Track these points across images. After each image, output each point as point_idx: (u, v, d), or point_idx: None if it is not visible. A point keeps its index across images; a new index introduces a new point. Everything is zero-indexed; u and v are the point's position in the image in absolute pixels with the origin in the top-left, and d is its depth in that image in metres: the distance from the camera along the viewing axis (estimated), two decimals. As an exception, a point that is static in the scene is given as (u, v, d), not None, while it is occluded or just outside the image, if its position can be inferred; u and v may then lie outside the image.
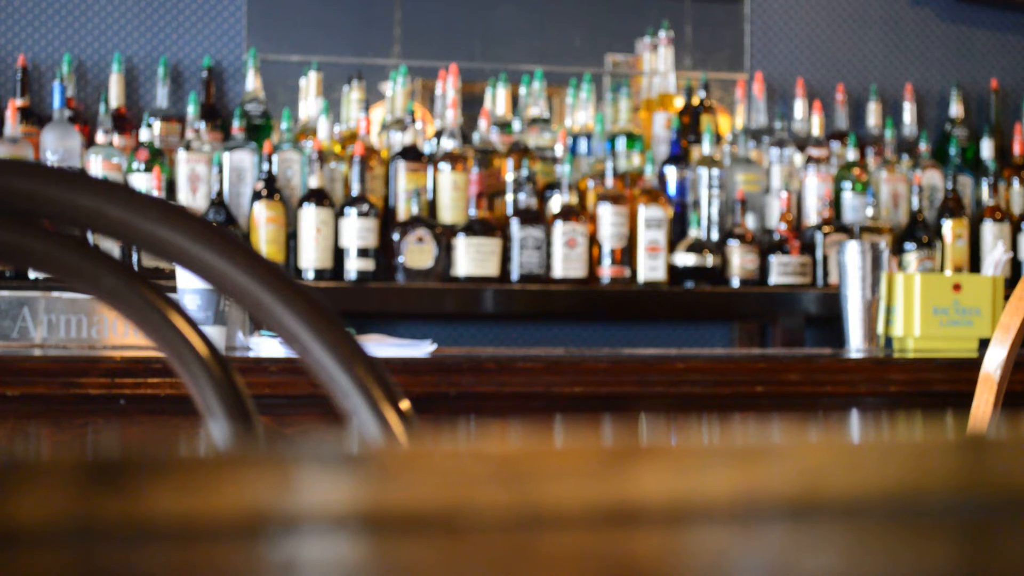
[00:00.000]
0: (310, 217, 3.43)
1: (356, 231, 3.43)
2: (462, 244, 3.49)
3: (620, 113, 3.73)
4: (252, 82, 3.62)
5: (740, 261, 3.64)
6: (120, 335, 2.52)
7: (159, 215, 0.76)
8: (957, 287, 2.60)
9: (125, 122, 3.57)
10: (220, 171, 3.45)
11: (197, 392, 0.82)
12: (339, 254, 3.46)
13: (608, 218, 3.57)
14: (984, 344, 1.75)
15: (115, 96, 3.57)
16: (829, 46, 4.03)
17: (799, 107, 3.89)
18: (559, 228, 3.54)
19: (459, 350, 2.66)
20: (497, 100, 3.66)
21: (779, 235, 3.66)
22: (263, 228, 3.42)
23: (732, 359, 2.25)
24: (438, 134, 3.59)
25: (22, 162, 1.19)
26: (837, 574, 0.38)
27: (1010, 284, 3.54)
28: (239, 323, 2.42)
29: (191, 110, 3.54)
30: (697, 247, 3.64)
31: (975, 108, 4.14)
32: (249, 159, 3.50)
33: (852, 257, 2.64)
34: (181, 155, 3.48)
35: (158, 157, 3.46)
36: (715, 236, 3.69)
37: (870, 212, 3.67)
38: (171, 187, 3.47)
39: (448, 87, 3.58)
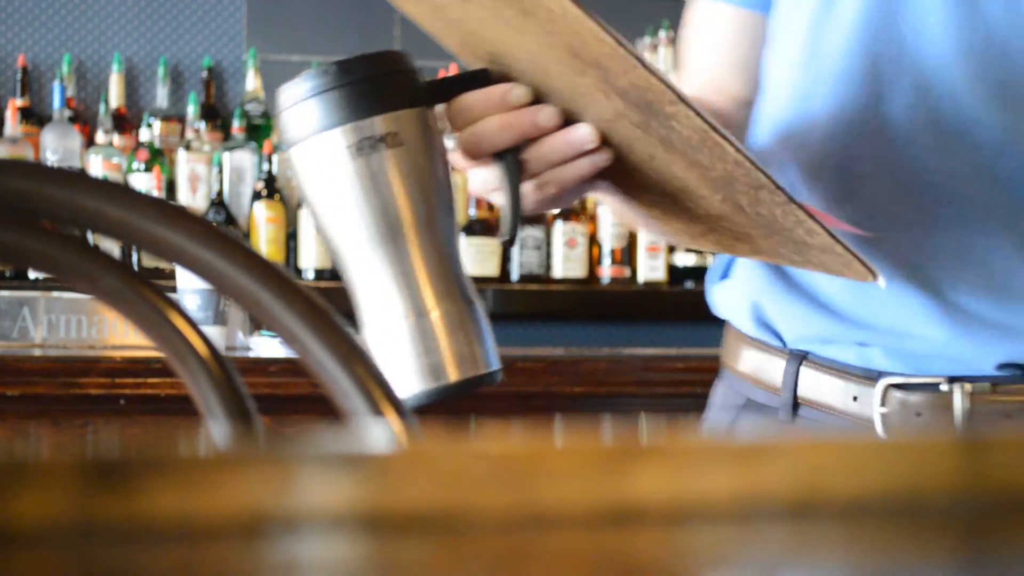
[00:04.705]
0: (310, 217, 3.43)
1: (356, 231, 3.43)
2: (462, 244, 3.49)
3: (620, 113, 3.73)
4: (252, 82, 3.62)
5: (740, 261, 3.63)
6: (120, 335, 2.52)
7: (159, 215, 0.76)
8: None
9: (125, 122, 3.57)
10: (220, 171, 3.45)
11: (197, 392, 0.82)
12: (339, 254, 3.45)
13: (608, 218, 3.57)
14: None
15: (115, 96, 3.57)
16: (829, 46, 4.03)
17: (799, 107, 3.88)
18: (559, 228, 3.54)
19: (459, 350, 2.66)
20: (497, 100, 3.66)
21: (779, 235, 3.65)
22: (263, 228, 3.42)
23: (732, 359, 2.24)
24: (438, 134, 3.58)
25: (22, 162, 1.19)
26: (837, 574, 0.38)
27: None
28: (239, 323, 2.41)
29: (191, 110, 3.54)
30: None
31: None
32: (249, 159, 3.49)
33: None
34: (181, 155, 3.47)
35: (158, 157, 3.46)
36: (715, 236, 3.69)
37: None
38: (171, 187, 3.47)
39: (448, 87, 3.57)
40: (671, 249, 3.62)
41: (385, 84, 1.00)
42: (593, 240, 3.57)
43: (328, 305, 0.78)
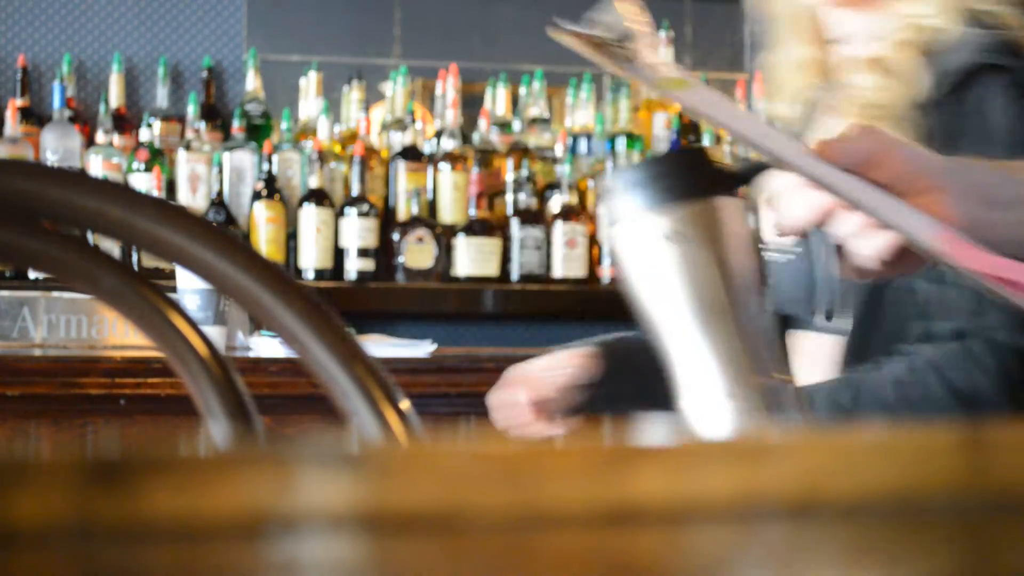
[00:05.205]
0: (310, 217, 3.43)
1: (356, 231, 3.43)
2: (462, 244, 3.49)
3: (620, 113, 3.73)
4: (252, 82, 3.62)
5: (740, 261, 3.63)
6: (120, 335, 2.52)
7: (159, 215, 0.76)
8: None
9: (125, 122, 3.56)
10: (220, 171, 3.45)
11: (197, 392, 0.82)
12: (339, 254, 3.46)
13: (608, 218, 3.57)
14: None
15: (115, 96, 3.57)
16: (829, 46, 4.03)
17: (799, 107, 3.89)
18: (559, 228, 3.54)
19: (459, 350, 2.66)
20: (497, 100, 3.66)
21: (779, 235, 3.65)
22: (263, 228, 3.42)
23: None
24: (438, 134, 3.59)
25: (22, 162, 1.19)
26: (837, 574, 0.38)
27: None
28: (239, 323, 2.42)
29: (191, 110, 3.54)
30: (697, 247, 3.64)
31: (975, 108, 4.13)
32: (249, 159, 3.50)
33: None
34: (181, 155, 3.47)
35: (158, 157, 3.46)
36: (715, 236, 3.69)
37: (870, 212, 3.66)
38: (171, 187, 3.47)
39: (448, 87, 3.58)
40: (671, 249, 3.62)
41: (698, 179, 1.07)
42: (593, 240, 3.57)
43: (328, 305, 0.78)
